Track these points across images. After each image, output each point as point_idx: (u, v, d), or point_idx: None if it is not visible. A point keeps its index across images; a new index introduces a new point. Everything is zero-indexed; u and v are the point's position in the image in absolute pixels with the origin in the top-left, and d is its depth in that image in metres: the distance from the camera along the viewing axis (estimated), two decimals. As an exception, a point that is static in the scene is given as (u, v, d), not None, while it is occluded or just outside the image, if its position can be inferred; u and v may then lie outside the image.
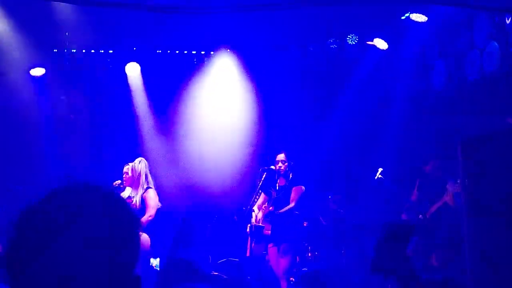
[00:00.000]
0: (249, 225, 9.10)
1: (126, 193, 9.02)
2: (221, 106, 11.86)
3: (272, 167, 9.30)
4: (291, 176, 9.02)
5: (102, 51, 11.28)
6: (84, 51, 11.19)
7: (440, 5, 8.79)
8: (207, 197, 11.26)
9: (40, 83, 11.14)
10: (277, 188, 9.02)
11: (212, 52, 11.73)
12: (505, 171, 5.22)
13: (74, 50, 11.16)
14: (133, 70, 11.31)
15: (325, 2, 4.83)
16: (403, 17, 10.55)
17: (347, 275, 9.13)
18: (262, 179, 9.17)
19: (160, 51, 11.57)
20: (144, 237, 8.76)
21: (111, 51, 11.26)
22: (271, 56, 11.67)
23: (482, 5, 6.13)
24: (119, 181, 9.01)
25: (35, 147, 10.89)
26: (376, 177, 9.54)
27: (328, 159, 10.44)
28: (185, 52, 11.67)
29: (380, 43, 10.86)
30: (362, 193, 10.33)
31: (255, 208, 9.25)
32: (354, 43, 11.06)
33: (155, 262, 8.24)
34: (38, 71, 10.99)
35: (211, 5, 5.46)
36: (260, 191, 9.23)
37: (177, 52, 11.63)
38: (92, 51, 11.24)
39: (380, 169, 9.64)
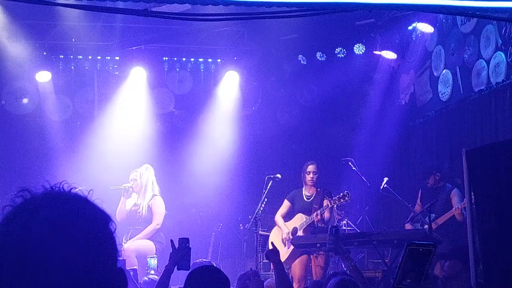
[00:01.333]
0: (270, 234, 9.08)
1: (133, 200, 9.00)
2: (228, 113, 11.88)
3: (278, 175, 9.26)
4: (319, 188, 9.02)
5: (109, 57, 11.30)
6: (90, 57, 11.22)
7: (448, 14, 8.77)
8: (212, 205, 11.26)
9: (46, 89, 11.15)
10: (305, 198, 8.98)
11: (219, 60, 11.74)
12: (511, 181, 5.20)
13: (81, 57, 11.18)
14: (138, 75, 11.30)
15: (328, 11, 4.84)
16: (410, 27, 10.56)
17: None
18: (268, 187, 9.14)
19: (166, 58, 11.58)
20: (149, 244, 8.75)
21: (117, 58, 11.27)
22: (276, 65, 11.70)
23: (489, 16, 6.13)
24: (129, 184, 8.97)
25: (41, 153, 10.89)
26: (381, 187, 9.51)
27: (331, 167, 10.40)
28: (192, 59, 11.69)
29: (388, 54, 10.86)
30: (367, 202, 10.30)
31: (279, 217, 9.11)
32: (361, 52, 11.06)
33: (153, 262, 8.20)
34: (44, 77, 11.01)
35: (215, 13, 5.47)
36: (265, 199, 9.19)
37: (184, 59, 11.65)
38: (99, 57, 11.26)
39: (385, 179, 9.62)
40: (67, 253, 1.35)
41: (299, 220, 8.87)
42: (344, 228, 9.76)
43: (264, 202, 9.12)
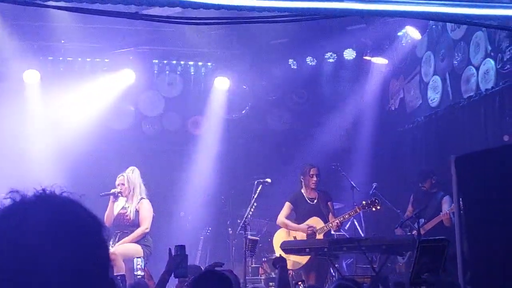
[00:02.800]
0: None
1: (120, 204, 8.93)
2: (218, 117, 11.87)
3: (268, 180, 9.20)
4: (319, 190, 9.03)
5: (98, 59, 11.24)
6: (80, 59, 11.16)
7: (439, 21, 8.78)
8: (201, 209, 11.22)
9: (35, 90, 11.06)
10: (309, 201, 8.98)
11: (209, 64, 11.72)
12: (500, 188, 5.21)
13: (70, 58, 11.12)
14: (128, 77, 11.23)
15: (320, 17, 4.84)
16: (400, 33, 10.57)
17: None
18: (257, 192, 9.08)
19: (156, 61, 11.55)
20: (136, 247, 8.67)
21: (107, 60, 11.21)
22: (267, 69, 11.70)
23: (480, 23, 6.15)
24: (117, 189, 8.88)
25: (28, 155, 10.79)
26: (371, 192, 9.52)
27: (321, 172, 10.41)
28: (182, 62, 11.66)
29: (378, 59, 10.90)
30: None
31: (285, 219, 9.07)
32: (351, 57, 11.09)
33: (139, 260, 8.15)
34: (32, 78, 10.93)
35: (206, 17, 5.48)
36: (254, 204, 9.15)
37: (174, 62, 11.61)
38: (88, 59, 11.20)
39: (374, 184, 9.62)
40: (59, 258, 1.32)
41: (317, 224, 8.83)
42: (333, 233, 9.75)
43: (254, 207, 9.08)
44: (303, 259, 8.64)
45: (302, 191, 9.07)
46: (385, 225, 9.83)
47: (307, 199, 9.01)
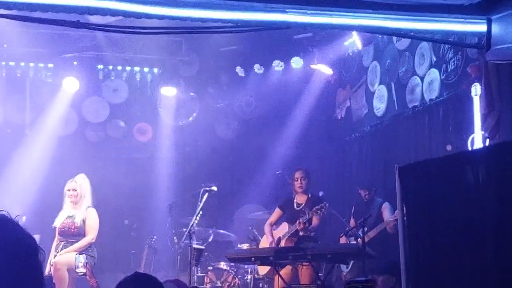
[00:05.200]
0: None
1: (65, 212, 8.74)
2: (164, 124, 11.78)
3: (214, 188, 9.13)
4: (310, 195, 8.97)
5: (42, 64, 11.03)
6: (23, 64, 10.92)
7: (382, 35, 8.90)
8: (146, 217, 11.11)
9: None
10: (295, 206, 8.93)
11: (155, 70, 11.61)
12: (442, 197, 5.27)
13: (13, 63, 10.87)
14: (70, 85, 11.01)
15: (263, 28, 4.85)
16: (346, 43, 10.68)
17: None
18: (203, 200, 9.01)
19: (102, 66, 11.38)
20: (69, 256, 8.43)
21: (51, 65, 11.00)
22: (214, 76, 11.67)
23: (422, 37, 6.25)
24: (69, 194, 8.67)
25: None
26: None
27: (267, 180, 10.42)
28: (128, 68, 11.51)
29: (324, 68, 10.97)
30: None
31: (268, 225, 9.01)
32: (298, 66, 11.15)
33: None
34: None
35: (150, 26, 5.44)
36: (200, 212, 9.07)
37: (119, 68, 11.46)
38: (31, 64, 10.97)
39: (321, 193, 9.65)
40: None
41: (283, 229, 8.87)
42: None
43: (199, 215, 9.00)
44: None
45: (295, 195, 9.09)
46: (330, 233, 9.86)
47: (295, 204, 9.03)
